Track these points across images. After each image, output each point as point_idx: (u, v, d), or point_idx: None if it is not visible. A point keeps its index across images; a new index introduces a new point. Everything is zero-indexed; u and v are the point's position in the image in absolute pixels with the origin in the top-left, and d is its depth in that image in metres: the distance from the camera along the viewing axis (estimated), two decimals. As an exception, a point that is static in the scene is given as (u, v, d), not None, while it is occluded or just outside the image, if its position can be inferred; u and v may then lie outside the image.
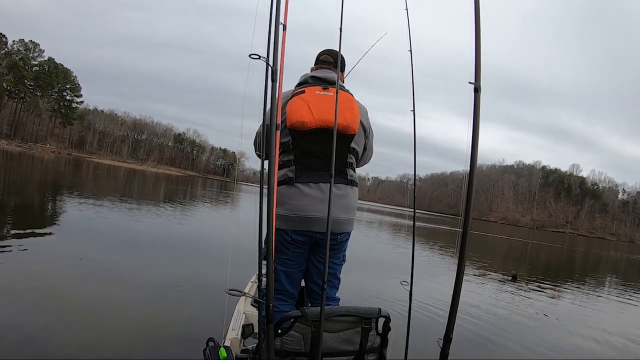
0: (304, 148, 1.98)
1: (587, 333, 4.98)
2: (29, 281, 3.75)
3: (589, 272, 13.94)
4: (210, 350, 1.72)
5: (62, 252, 4.99)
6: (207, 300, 3.91)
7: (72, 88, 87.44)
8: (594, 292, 8.81)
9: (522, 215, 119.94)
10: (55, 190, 13.39)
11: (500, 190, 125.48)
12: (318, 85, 2.06)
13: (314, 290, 2.12)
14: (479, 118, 1.29)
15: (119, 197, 14.14)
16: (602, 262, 20.16)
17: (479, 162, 1.34)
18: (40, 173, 21.46)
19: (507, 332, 4.50)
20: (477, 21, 1.31)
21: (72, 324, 2.97)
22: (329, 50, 2.22)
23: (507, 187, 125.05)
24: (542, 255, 18.71)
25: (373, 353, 1.68)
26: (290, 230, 1.97)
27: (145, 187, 24.38)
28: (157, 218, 10.15)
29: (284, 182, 1.96)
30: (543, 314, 5.61)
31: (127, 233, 7.25)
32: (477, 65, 1.30)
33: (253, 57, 1.37)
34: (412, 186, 2.23)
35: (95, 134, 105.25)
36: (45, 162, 34.35)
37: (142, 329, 3.10)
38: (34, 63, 79.03)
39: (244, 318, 2.50)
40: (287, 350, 1.56)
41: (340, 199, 2.00)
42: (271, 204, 1.47)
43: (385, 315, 1.66)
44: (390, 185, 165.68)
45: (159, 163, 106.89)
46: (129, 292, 3.90)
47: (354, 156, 2.09)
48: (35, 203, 9.60)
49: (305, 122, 1.93)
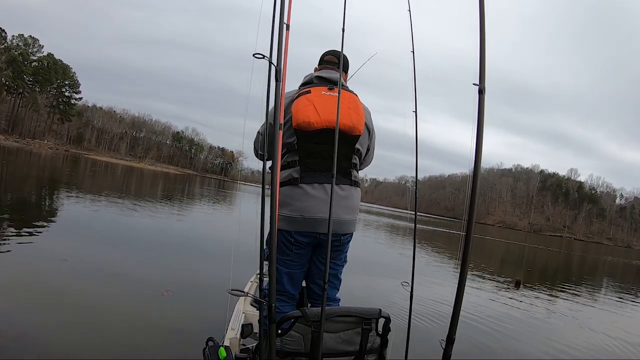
0: (309, 148, 1.97)
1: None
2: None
3: (595, 278, 13.72)
4: (209, 349, 1.72)
5: (48, 252, 4.63)
6: (207, 299, 3.89)
7: (71, 84, 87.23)
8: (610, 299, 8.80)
9: (520, 219, 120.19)
10: (49, 186, 13.33)
11: (498, 193, 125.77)
12: (323, 85, 2.05)
13: (315, 290, 2.11)
14: (484, 119, 1.29)
15: (115, 194, 14.10)
16: (607, 267, 20.11)
17: (472, 164, 1.33)
18: (37, 169, 21.38)
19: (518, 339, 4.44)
20: (482, 22, 1.31)
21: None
22: (333, 50, 2.21)
23: (505, 191, 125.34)
24: (543, 260, 18.69)
25: (373, 354, 1.68)
26: (293, 232, 1.96)
27: (143, 185, 24.32)
28: (154, 217, 10.12)
29: (288, 183, 1.95)
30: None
31: (121, 230, 7.18)
32: (482, 66, 1.30)
33: (257, 57, 1.36)
34: (413, 187, 2.22)
35: (93, 131, 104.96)
36: (42, 158, 34.23)
37: (138, 330, 3.08)
38: (33, 58, 78.77)
39: (244, 318, 2.50)
40: (287, 351, 1.56)
41: (344, 200, 2.00)
42: (274, 205, 1.46)
43: (385, 316, 1.66)
44: (388, 186, 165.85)
45: (157, 161, 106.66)
46: (119, 291, 3.85)
47: (358, 157, 2.09)
48: (28, 199, 9.54)
49: (312, 122, 1.92)
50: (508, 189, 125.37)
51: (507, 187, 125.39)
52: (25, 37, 77.23)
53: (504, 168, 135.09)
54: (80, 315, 3.06)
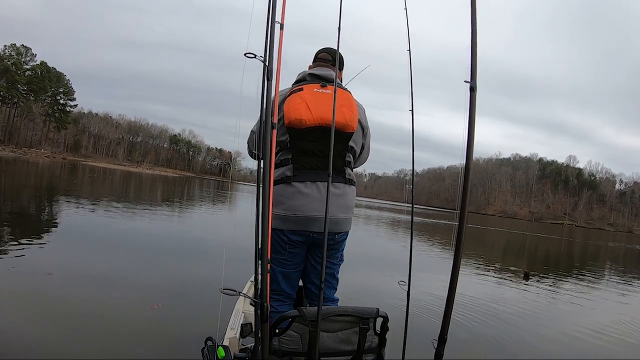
0: (302, 146, 1.95)
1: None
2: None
3: (606, 267, 13.35)
4: (208, 349, 1.72)
5: (32, 265, 4.36)
6: (204, 300, 3.88)
7: (65, 92, 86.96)
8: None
9: (520, 208, 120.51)
10: (47, 194, 13.31)
11: (497, 183, 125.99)
12: (316, 83, 2.03)
13: (312, 290, 2.10)
14: (475, 117, 1.28)
15: (114, 199, 14.08)
16: (616, 254, 20.05)
17: (475, 156, 1.33)
18: (35, 177, 21.34)
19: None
20: (474, 21, 1.30)
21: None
22: (327, 48, 2.19)
23: (505, 180, 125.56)
24: (547, 249, 18.69)
25: (371, 353, 1.67)
26: (287, 231, 1.94)
27: (142, 190, 24.29)
28: (151, 220, 10.12)
29: (281, 181, 1.93)
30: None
31: (116, 236, 7.14)
32: (473, 64, 1.30)
33: (248, 56, 1.35)
34: (409, 186, 2.20)
35: (90, 138, 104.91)
36: (39, 167, 34.16)
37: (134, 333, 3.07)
38: (26, 67, 78.53)
39: (243, 317, 2.50)
40: (284, 350, 1.56)
41: (339, 198, 1.98)
42: (266, 205, 1.45)
43: (383, 315, 1.65)
44: (387, 181, 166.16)
45: (155, 165, 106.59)
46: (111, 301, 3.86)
47: (352, 155, 2.07)
48: (26, 208, 9.53)
49: (304, 119, 1.90)
50: (507, 178, 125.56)
51: (507, 177, 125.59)
52: (17, 46, 76.99)
53: (503, 158, 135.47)
54: (73, 322, 3.05)
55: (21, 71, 76.57)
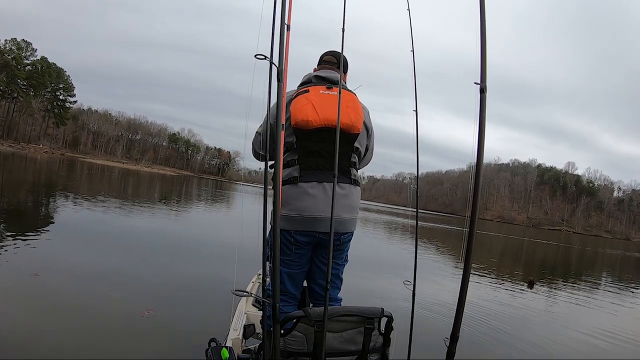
0: (308, 147, 1.97)
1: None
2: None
3: (609, 275, 13.11)
4: (212, 350, 1.72)
5: (21, 263, 4.21)
6: (210, 300, 3.88)
7: (65, 88, 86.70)
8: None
9: (518, 214, 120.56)
10: (44, 189, 13.27)
11: (495, 188, 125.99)
12: (322, 84, 2.06)
13: (317, 290, 2.11)
14: (485, 118, 1.28)
15: (111, 197, 14.04)
16: (614, 261, 20.02)
17: (474, 161, 1.33)
18: (32, 173, 21.27)
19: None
20: (483, 22, 1.31)
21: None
22: (332, 51, 2.22)
23: (503, 185, 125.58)
24: (548, 255, 18.60)
25: (376, 353, 1.67)
26: (293, 231, 1.95)
27: (140, 188, 24.25)
28: (152, 220, 10.10)
29: (287, 182, 1.94)
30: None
31: (113, 235, 7.11)
32: (483, 65, 1.30)
33: (259, 58, 1.35)
34: (413, 186, 2.21)
35: (89, 134, 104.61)
36: (38, 163, 34.06)
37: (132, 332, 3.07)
38: (26, 62, 78.20)
39: (246, 318, 2.49)
40: (289, 351, 1.56)
41: (344, 199, 1.99)
42: (276, 206, 1.45)
43: (387, 315, 1.65)
44: (385, 183, 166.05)
45: (154, 163, 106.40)
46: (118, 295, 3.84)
47: (357, 156, 2.09)
48: (23, 204, 9.50)
49: (310, 120, 1.92)
50: (506, 183, 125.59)
51: (505, 182, 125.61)
52: (18, 41, 76.67)
53: (501, 163, 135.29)
54: (72, 318, 3.05)
55: (21, 66, 76.26)
